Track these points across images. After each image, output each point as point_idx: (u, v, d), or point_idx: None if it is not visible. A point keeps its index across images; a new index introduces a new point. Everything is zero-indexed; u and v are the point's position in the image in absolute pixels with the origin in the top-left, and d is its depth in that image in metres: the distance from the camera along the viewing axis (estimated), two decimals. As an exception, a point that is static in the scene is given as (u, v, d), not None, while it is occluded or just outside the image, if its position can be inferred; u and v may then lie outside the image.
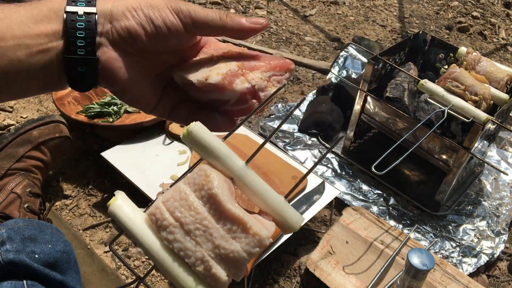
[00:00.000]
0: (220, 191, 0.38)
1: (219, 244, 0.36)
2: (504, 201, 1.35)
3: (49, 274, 0.81)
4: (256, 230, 0.37)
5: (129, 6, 0.43)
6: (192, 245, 0.37)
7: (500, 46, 2.21)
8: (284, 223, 0.40)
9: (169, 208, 0.38)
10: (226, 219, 0.37)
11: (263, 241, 0.36)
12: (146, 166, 1.17)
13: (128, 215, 0.39)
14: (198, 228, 0.37)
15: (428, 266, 0.89)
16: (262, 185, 0.40)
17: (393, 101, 1.27)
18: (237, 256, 0.36)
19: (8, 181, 1.03)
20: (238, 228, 0.37)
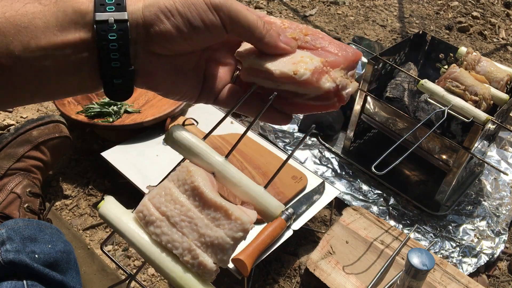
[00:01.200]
0: (202, 183, 0.40)
1: (204, 233, 0.38)
2: (504, 201, 1.35)
3: (49, 274, 0.81)
4: (238, 215, 0.38)
5: (162, 6, 0.40)
6: (178, 236, 0.38)
7: (500, 46, 2.21)
8: (265, 210, 0.41)
9: (155, 204, 0.40)
10: (209, 208, 0.39)
11: (245, 224, 0.38)
12: (146, 166, 1.17)
13: (116, 215, 0.40)
14: (183, 220, 0.39)
15: (428, 266, 0.89)
16: (242, 177, 0.42)
17: (393, 101, 1.27)
18: (222, 242, 0.38)
19: (8, 181, 1.03)
20: (221, 215, 0.39)
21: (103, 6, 0.39)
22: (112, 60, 0.39)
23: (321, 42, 0.47)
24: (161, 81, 0.44)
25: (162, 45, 0.41)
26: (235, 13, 0.42)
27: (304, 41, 0.47)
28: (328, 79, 0.45)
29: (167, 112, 1.26)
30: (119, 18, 0.39)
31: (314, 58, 0.45)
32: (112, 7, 0.39)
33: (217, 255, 0.38)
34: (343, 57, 0.46)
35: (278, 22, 0.48)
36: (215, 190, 0.41)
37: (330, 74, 0.45)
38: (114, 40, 0.39)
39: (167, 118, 1.28)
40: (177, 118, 1.31)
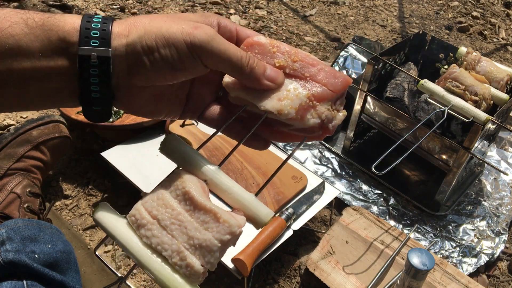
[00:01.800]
0: (193, 188, 0.41)
1: (193, 235, 0.39)
2: (504, 201, 1.35)
3: (49, 274, 0.81)
4: (226, 218, 0.39)
5: (144, 45, 0.39)
6: (168, 239, 0.39)
7: (500, 46, 2.21)
8: (255, 217, 0.42)
9: (147, 208, 0.41)
10: (199, 211, 0.40)
11: (232, 227, 0.39)
12: (146, 166, 1.17)
13: (109, 220, 0.42)
14: (173, 223, 0.40)
15: (428, 266, 0.88)
16: (233, 184, 0.43)
17: (393, 101, 1.27)
18: (209, 244, 0.39)
19: (8, 181, 1.03)
20: (210, 219, 0.40)
21: (87, 40, 0.39)
22: (92, 92, 0.40)
23: (310, 70, 0.46)
24: (142, 107, 0.45)
25: (142, 81, 0.42)
26: (216, 52, 0.41)
27: (292, 68, 0.46)
28: (313, 115, 0.45)
29: (167, 112, 1.26)
30: (102, 55, 0.39)
31: (300, 93, 0.44)
32: (96, 42, 0.39)
33: (205, 257, 0.39)
34: (332, 88, 0.45)
35: (267, 45, 0.47)
36: (206, 195, 0.41)
37: (316, 109, 0.45)
38: (95, 75, 0.39)
39: (167, 118, 1.27)
40: (177, 118, 1.31)
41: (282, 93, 0.44)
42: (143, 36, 0.40)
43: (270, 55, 0.46)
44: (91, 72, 0.39)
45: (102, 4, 2.03)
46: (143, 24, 0.40)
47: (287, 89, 0.44)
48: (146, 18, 0.41)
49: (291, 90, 0.44)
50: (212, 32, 0.41)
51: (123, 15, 1.99)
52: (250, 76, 0.42)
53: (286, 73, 0.46)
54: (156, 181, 0.43)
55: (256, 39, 0.47)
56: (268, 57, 0.46)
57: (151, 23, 0.40)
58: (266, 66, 0.44)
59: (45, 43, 0.39)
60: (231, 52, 0.41)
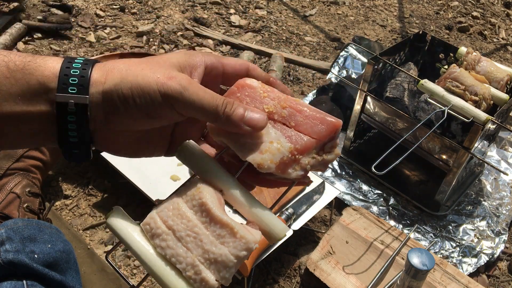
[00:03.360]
0: (210, 200, 0.40)
1: (209, 249, 0.38)
2: (504, 201, 1.35)
3: (48, 274, 0.81)
4: (243, 234, 0.38)
5: (120, 95, 0.40)
6: (183, 251, 0.39)
7: (500, 46, 2.21)
8: (270, 232, 0.41)
9: (162, 218, 0.40)
10: (215, 225, 0.39)
11: (249, 244, 0.38)
12: (146, 166, 1.17)
13: (123, 226, 0.41)
14: (189, 235, 0.39)
15: (428, 266, 0.88)
16: (249, 197, 0.42)
17: (393, 101, 1.27)
18: (225, 260, 0.38)
19: (8, 181, 1.03)
20: (226, 233, 0.39)
21: (65, 87, 0.39)
22: (70, 136, 0.40)
23: (297, 119, 0.44)
24: (122, 149, 0.45)
25: (119, 127, 0.42)
26: (190, 102, 0.40)
27: (281, 115, 0.44)
28: (295, 168, 0.43)
29: (167, 112, 1.26)
30: (79, 102, 0.39)
31: (283, 147, 0.42)
32: (74, 89, 0.39)
33: (220, 272, 0.38)
34: (316, 136, 0.43)
35: (258, 89, 0.45)
36: (222, 208, 0.41)
37: (299, 162, 0.43)
38: (73, 121, 0.40)
39: (167, 118, 1.27)
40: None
41: (265, 145, 0.42)
42: (119, 84, 0.40)
43: (260, 100, 0.44)
44: (69, 118, 0.40)
45: (102, 4, 2.03)
46: (120, 71, 0.40)
47: (270, 140, 0.42)
48: (124, 63, 0.41)
49: (274, 143, 0.42)
50: (185, 82, 0.40)
51: (123, 15, 1.99)
52: (227, 123, 0.42)
53: (274, 120, 0.44)
54: (156, 181, 0.43)
55: (248, 82, 0.45)
56: (257, 101, 0.44)
57: (127, 71, 0.40)
58: (246, 110, 0.42)
59: (24, 88, 0.39)
60: (205, 102, 0.41)
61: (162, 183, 1.12)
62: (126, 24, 1.93)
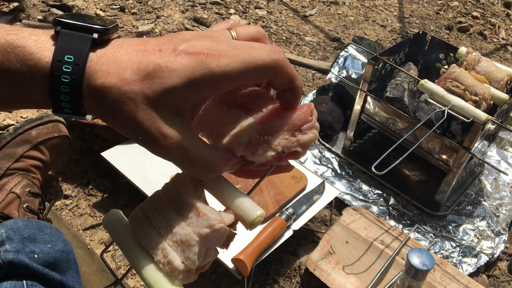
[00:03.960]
0: (184, 187, 0.41)
1: (176, 231, 0.39)
2: (504, 201, 1.35)
3: (48, 274, 0.81)
4: (205, 212, 0.39)
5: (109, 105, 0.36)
6: (156, 237, 0.40)
7: (500, 46, 2.21)
8: (241, 214, 0.41)
9: (144, 210, 0.42)
10: (186, 209, 0.40)
11: (211, 220, 0.38)
12: (146, 166, 1.17)
13: (116, 223, 0.43)
14: (161, 221, 0.40)
15: (428, 266, 0.88)
16: (226, 184, 0.43)
17: (393, 101, 1.27)
18: (188, 239, 0.38)
19: (7, 181, 1.03)
20: (193, 214, 0.39)
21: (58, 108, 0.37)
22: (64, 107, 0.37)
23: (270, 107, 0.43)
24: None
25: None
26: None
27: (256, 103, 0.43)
28: (265, 149, 0.41)
29: (167, 112, 1.26)
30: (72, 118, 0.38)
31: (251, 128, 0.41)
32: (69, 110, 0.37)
33: (184, 253, 0.38)
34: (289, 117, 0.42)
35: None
36: (197, 194, 0.41)
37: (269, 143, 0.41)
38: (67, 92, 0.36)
39: (167, 118, 1.27)
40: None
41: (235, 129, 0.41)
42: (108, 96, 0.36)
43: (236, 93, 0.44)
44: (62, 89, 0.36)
45: (102, 4, 2.03)
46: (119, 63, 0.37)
47: (240, 124, 0.41)
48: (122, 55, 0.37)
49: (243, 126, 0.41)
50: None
51: (123, 15, 1.99)
52: None
53: (248, 108, 0.43)
54: (156, 181, 0.44)
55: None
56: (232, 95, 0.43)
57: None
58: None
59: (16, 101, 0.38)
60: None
61: (162, 183, 1.11)
62: (126, 24, 1.93)
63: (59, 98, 0.36)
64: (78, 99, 0.36)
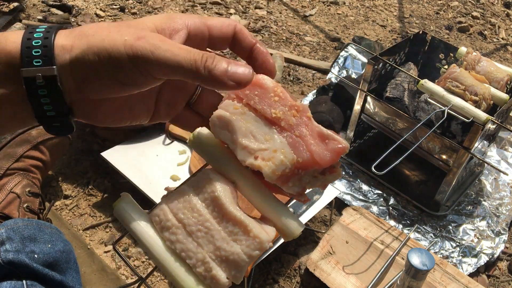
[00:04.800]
0: (223, 194, 0.39)
1: (220, 246, 0.37)
2: (504, 201, 1.35)
3: (48, 274, 0.81)
4: (257, 233, 0.37)
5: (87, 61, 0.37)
6: (193, 246, 0.38)
7: (500, 46, 2.21)
8: (285, 229, 0.40)
9: (173, 210, 0.39)
10: (228, 221, 0.38)
11: (263, 244, 0.37)
12: (146, 166, 1.17)
13: (132, 216, 0.40)
14: (200, 230, 0.38)
15: (428, 266, 0.88)
16: (264, 190, 0.41)
17: (393, 101, 1.27)
18: (237, 259, 0.37)
19: (7, 181, 1.03)
20: (239, 230, 0.38)
21: (29, 60, 0.36)
22: (46, 111, 0.38)
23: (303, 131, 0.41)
24: (104, 118, 0.42)
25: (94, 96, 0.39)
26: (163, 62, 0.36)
27: (288, 123, 0.41)
28: (295, 183, 0.40)
29: (167, 112, 1.26)
30: (47, 74, 0.36)
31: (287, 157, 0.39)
32: (39, 61, 0.36)
33: (231, 271, 0.37)
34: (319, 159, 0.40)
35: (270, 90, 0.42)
36: (235, 202, 0.39)
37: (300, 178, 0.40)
38: (45, 95, 0.37)
39: (167, 118, 1.27)
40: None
41: (268, 153, 0.39)
42: (86, 51, 0.36)
43: (269, 103, 0.41)
44: (40, 92, 0.37)
45: (102, 4, 2.03)
46: (87, 36, 0.37)
47: (274, 148, 0.40)
48: (91, 28, 0.38)
49: (278, 152, 0.39)
50: (156, 40, 0.37)
51: (123, 15, 1.99)
52: (209, 79, 0.37)
53: (280, 127, 0.41)
54: (156, 181, 0.43)
55: (261, 81, 0.42)
56: (265, 104, 0.41)
57: (95, 36, 0.37)
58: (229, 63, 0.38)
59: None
60: (181, 58, 0.37)
61: (162, 183, 1.12)
62: (126, 24, 1.93)
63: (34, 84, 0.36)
64: (54, 82, 0.36)
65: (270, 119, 0.41)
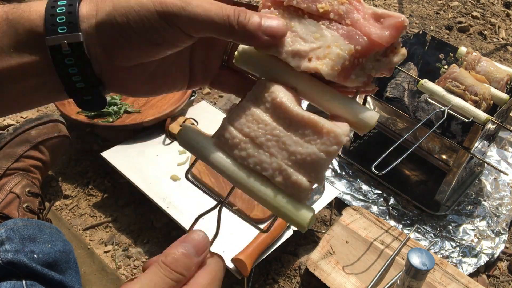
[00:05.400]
0: (286, 99, 0.36)
1: (294, 151, 0.35)
2: (504, 201, 1.35)
3: (48, 274, 0.81)
4: (330, 128, 0.35)
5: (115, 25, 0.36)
6: (266, 157, 0.36)
7: (500, 46, 2.21)
8: (359, 121, 0.37)
9: (237, 126, 0.37)
10: (297, 124, 0.36)
11: (339, 137, 0.35)
12: (146, 166, 1.17)
13: (198, 142, 0.38)
14: (269, 140, 0.36)
15: (428, 266, 0.88)
16: (327, 88, 0.38)
17: (393, 101, 1.27)
18: (315, 158, 0.35)
19: (7, 181, 1.03)
20: (311, 130, 0.35)
21: (54, 27, 0.35)
22: (76, 82, 0.37)
23: (355, 17, 0.38)
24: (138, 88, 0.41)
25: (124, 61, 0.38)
26: (195, 18, 0.35)
27: (337, 13, 0.38)
28: (358, 74, 0.38)
29: (167, 112, 1.26)
30: (72, 41, 0.35)
31: (343, 49, 0.37)
32: (64, 28, 0.35)
33: (311, 173, 0.35)
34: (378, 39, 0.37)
35: None
36: (299, 104, 0.37)
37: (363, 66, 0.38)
38: (72, 64, 0.36)
39: (167, 118, 1.27)
40: (177, 118, 1.31)
41: (322, 50, 0.37)
42: (112, 13, 0.35)
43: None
44: (67, 62, 0.36)
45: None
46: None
47: (327, 44, 0.37)
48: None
49: (332, 46, 0.37)
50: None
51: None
52: (243, 35, 0.36)
53: (329, 19, 0.38)
54: (156, 181, 0.43)
55: None
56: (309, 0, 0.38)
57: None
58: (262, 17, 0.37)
59: (13, 39, 0.35)
60: (214, 13, 0.36)
61: (162, 183, 1.12)
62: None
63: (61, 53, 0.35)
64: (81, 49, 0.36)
65: (317, 15, 0.38)
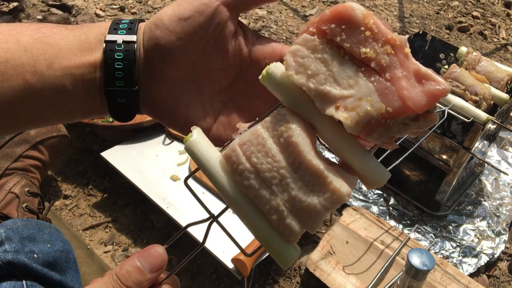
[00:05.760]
0: (301, 140, 0.35)
1: (296, 196, 0.35)
2: (504, 201, 1.35)
3: (48, 274, 0.81)
4: (336, 186, 0.34)
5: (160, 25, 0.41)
6: (267, 193, 0.35)
7: (500, 46, 2.21)
8: (369, 177, 0.36)
9: (246, 152, 0.36)
10: (305, 170, 0.35)
11: (342, 198, 0.34)
12: (146, 166, 1.17)
13: (204, 153, 0.38)
14: (274, 177, 0.35)
15: (428, 266, 0.88)
16: (346, 135, 0.36)
17: (393, 101, 1.26)
18: (313, 209, 0.35)
19: (6, 181, 1.03)
20: (317, 181, 0.35)
21: (115, 30, 0.42)
22: (116, 79, 0.41)
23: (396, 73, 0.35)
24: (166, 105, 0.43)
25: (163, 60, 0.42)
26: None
27: (379, 64, 0.35)
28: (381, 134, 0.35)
29: (166, 112, 1.26)
30: (127, 40, 0.41)
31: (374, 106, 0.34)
32: (123, 31, 0.42)
33: (306, 221, 0.35)
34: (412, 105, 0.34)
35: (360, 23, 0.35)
36: (314, 148, 0.36)
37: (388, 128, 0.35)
38: (120, 59, 0.41)
39: (166, 118, 1.27)
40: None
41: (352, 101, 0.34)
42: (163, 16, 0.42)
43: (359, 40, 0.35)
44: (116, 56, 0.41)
45: (102, 4, 2.03)
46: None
47: (359, 96, 0.34)
48: None
49: (363, 100, 0.34)
50: None
51: (123, 14, 1.99)
52: None
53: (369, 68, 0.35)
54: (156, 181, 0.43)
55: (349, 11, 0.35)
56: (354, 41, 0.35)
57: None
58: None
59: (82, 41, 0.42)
60: None
61: (162, 183, 1.12)
62: (126, 24, 1.93)
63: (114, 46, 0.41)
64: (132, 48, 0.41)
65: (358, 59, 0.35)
